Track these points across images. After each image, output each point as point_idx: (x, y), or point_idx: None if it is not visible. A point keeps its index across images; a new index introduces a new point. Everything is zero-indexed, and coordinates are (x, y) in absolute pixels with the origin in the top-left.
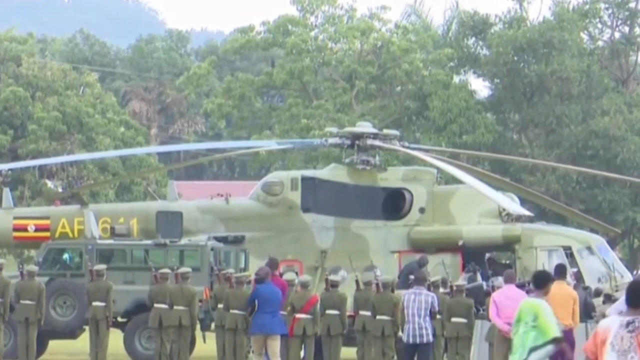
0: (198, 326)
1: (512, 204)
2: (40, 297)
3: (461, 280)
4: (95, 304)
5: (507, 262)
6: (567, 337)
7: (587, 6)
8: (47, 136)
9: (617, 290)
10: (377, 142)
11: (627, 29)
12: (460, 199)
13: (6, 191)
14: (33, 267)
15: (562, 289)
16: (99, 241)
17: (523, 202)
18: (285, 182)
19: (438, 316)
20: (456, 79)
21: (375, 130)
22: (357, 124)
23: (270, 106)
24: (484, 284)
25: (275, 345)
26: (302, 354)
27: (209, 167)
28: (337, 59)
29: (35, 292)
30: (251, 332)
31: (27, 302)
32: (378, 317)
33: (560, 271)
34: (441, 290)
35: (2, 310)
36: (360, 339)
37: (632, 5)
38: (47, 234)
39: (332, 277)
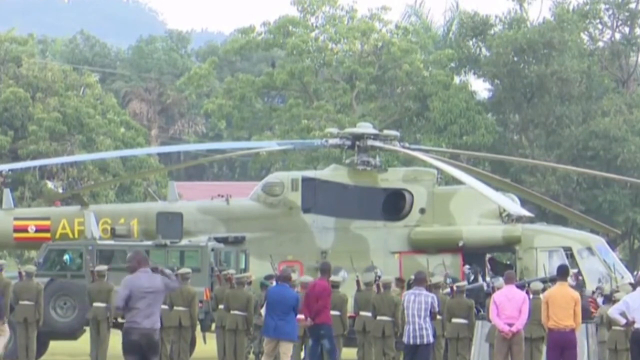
0: (198, 327)
1: (512, 205)
2: (39, 298)
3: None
4: (96, 304)
5: (508, 262)
6: (569, 338)
7: (588, 7)
8: (47, 137)
9: (617, 291)
10: (377, 143)
11: (627, 29)
12: (461, 200)
13: (6, 192)
14: (31, 268)
15: (563, 290)
16: (99, 242)
17: (523, 203)
18: (285, 183)
19: (438, 317)
20: (456, 80)
21: (375, 131)
22: (358, 124)
23: (271, 107)
24: (485, 284)
25: (287, 348)
26: (302, 354)
27: (210, 167)
28: (338, 59)
29: (33, 292)
30: (263, 333)
31: (26, 302)
32: (378, 317)
33: (562, 272)
34: (442, 290)
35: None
36: (360, 340)
37: (632, 6)
38: (48, 234)
39: (333, 278)
